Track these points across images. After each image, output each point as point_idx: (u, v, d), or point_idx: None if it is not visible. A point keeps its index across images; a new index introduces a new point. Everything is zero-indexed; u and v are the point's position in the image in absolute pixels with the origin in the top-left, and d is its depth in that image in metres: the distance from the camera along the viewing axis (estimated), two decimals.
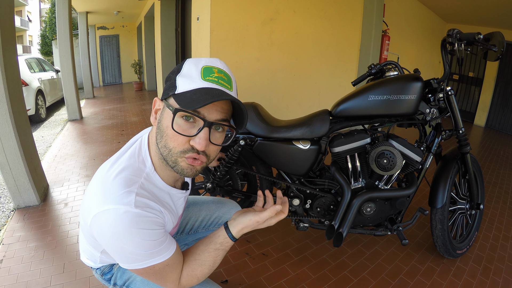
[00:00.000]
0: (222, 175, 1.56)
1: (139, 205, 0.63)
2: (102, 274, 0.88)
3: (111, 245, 0.64)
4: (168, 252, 0.69)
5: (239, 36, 2.92)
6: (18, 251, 1.61)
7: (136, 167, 0.68)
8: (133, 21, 9.77)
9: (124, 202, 0.61)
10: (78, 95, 4.78)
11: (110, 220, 0.60)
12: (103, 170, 0.69)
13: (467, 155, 1.53)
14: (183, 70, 0.65)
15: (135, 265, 0.66)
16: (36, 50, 17.46)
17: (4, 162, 1.94)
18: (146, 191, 0.67)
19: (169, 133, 0.64)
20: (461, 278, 1.51)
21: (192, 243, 1.18)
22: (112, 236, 0.62)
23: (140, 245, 0.63)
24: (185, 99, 0.61)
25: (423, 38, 5.22)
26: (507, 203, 2.40)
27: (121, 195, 0.62)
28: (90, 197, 0.66)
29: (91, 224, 0.63)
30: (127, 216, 0.60)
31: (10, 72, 1.88)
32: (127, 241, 0.62)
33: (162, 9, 5.20)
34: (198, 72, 0.64)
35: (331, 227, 1.37)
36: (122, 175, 0.65)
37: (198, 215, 1.10)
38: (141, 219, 0.62)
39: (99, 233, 0.64)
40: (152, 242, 0.65)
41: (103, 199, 0.62)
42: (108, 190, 0.63)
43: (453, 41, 1.29)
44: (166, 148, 0.65)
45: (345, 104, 1.40)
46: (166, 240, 0.69)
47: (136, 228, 0.62)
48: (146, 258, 0.66)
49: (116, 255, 0.66)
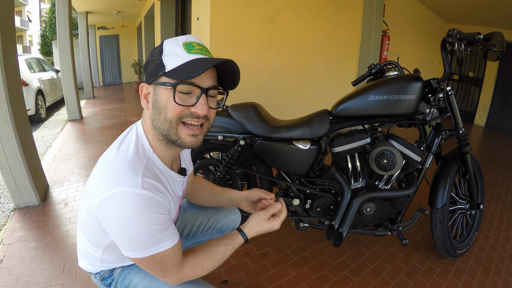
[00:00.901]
0: (222, 175, 1.56)
1: (146, 186, 0.63)
2: (102, 279, 0.86)
3: (117, 230, 0.64)
4: (171, 240, 0.69)
5: (239, 36, 2.92)
6: (18, 251, 1.61)
7: (137, 150, 0.70)
8: (133, 21, 9.77)
9: (131, 184, 0.62)
10: (78, 95, 4.78)
11: (118, 203, 0.61)
12: (104, 159, 0.70)
13: (467, 155, 1.53)
14: (165, 50, 0.68)
15: (139, 253, 0.66)
16: (36, 50, 17.46)
17: (4, 162, 1.94)
18: (150, 172, 0.68)
19: (169, 106, 0.67)
20: (461, 278, 1.51)
21: None
22: (119, 219, 0.62)
23: (147, 229, 0.64)
24: (181, 72, 0.65)
25: (423, 38, 5.23)
26: (507, 203, 2.40)
27: (127, 177, 0.63)
28: (93, 186, 0.66)
29: (97, 212, 0.63)
30: (135, 198, 0.61)
31: (10, 72, 1.88)
32: (135, 225, 0.62)
33: (162, 9, 5.20)
34: (181, 48, 0.67)
35: (331, 227, 1.37)
36: (125, 159, 0.66)
37: (196, 220, 1.10)
38: (149, 201, 0.63)
39: (106, 218, 0.64)
40: (158, 226, 0.65)
41: (108, 184, 0.62)
42: (113, 174, 0.64)
43: (453, 41, 1.29)
44: (166, 121, 0.68)
45: (345, 104, 1.40)
46: (171, 226, 0.70)
47: (145, 211, 0.62)
48: (150, 245, 0.66)
49: (121, 242, 0.66)
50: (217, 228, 1.12)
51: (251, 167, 1.58)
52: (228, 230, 1.15)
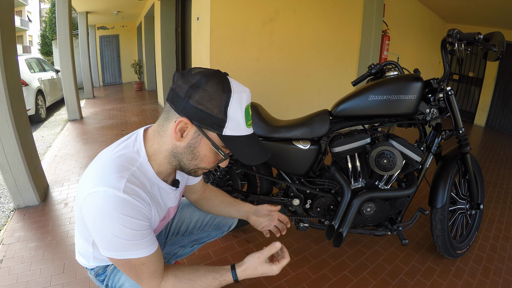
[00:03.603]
0: (222, 175, 1.56)
1: (127, 191, 0.65)
2: (96, 275, 0.88)
3: (94, 226, 0.66)
4: (147, 250, 0.69)
5: (239, 36, 2.92)
6: (18, 251, 1.61)
7: (130, 156, 0.71)
8: (133, 21, 9.77)
9: (113, 186, 0.64)
10: (78, 95, 4.78)
11: (98, 201, 0.63)
12: (101, 156, 0.72)
13: (467, 155, 1.53)
14: (230, 111, 0.66)
15: (113, 253, 0.67)
16: (36, 50, 17.46)
17: (4, 162, 1.94)
18: (137, 179, 0.70)
19: (206, 160, 0.73)
20: (461, 278, 1.51)
21: (187, 245, 1.18)
22: (96, 217, 0.64)
23: (121, 231, 0.65)
24: (238, 149, 0.70)
25: (423, 38, 5.22)
26: (507, 203, 2.40)
27: (112, 179, 0.65)
28: (83, 182, 0.69)
29: (81, 206, 0.66)
30: (114, 199, 0.63)
31: (10, 72, 1.88)
32: (108, 224, 0.64)
33: (162, 9, 5.20)
34: (243, 116, 0.69)
35: (331, 227, 1.37)
36: (115, 162, 0.68)
37: (192, 216, 1.11)
38: (127, 205, 0.65)
39: (87, 214, 0.66)
40: (132, 231, 0.66)
41: (94, 182, 0.65)
42: (101, 173, 0.67)
43: (453, 41, 1.29)
44: (195, 165, 0.74)
45: (345, 104, 1.40)
46: (148, 236, 0.70)
47: (120, 213, 0.64)
48: (124, 248, 0.66)
49: (99, 240, 0.68)
50: (214, 224, 1.12)
51: (251, 167, 1.58)
52: (225, 227, 1.15)
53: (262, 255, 0.78)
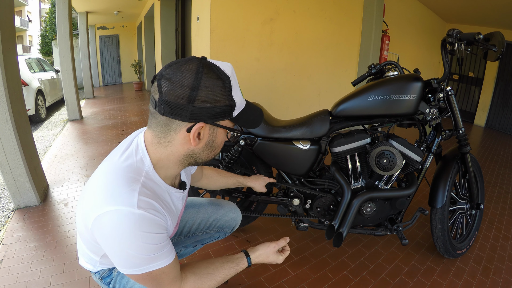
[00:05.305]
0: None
1: (142, 205, 0.62)
2: (101, 277, 0.87)
3: (112, 248, 0.63)
4: (168, 259, 0.68)
5: (239, 36, 2.92)
6: (18, 251, 1.61)
7: (136, 167, 0.67)
8: (133, 21, 9.77)
9: (127, 203, 0.60)
10: (78, 95, 4.78)
11: (112, 222, 0.60)
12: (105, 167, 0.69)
13: (467, 155, 1.53)
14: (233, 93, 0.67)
15: (134, 270, 0.65)
16: (36, 50, 17.46)
17: (4, 162, 1.94)
18: (148, 189, 0.66)
19: (221, 144, 0.74)
20: (461, 278, 1.51)
21: (190, 246, 1.18)
22: (114, 239, 0.61)
23: (142, 248, 0.62)
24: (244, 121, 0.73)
25: (423, 38, 5.22)
26: (507, 203, 2.40)
27: (123, 195, 0.61)
28: (89, 199, 0.65)
29: (92, 227, 0.62)
30: (130, 218, 0.60)
31: (10, 72, 1.88)
32: (130, 244, 0.61)
33: (162, 9, 5.20)
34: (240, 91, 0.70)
35: (331, 227, 1.37)
36: (123, 174, 0.64)
37: (196, 218, 1.10)
38: (145, 221, 0.62)
39: (100, 236, 0.63)
40: (154, 246, 0.64)
41: (104, 200, 0.61)
42: (110, 190, 0.62)
43: (453, 41, 1.29)
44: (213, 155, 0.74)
45: (345, 104, 1.40)
46: (168, 245, 0.69)
47: (139, 231, 0.61)
48: (146, 263, 0.65)
49: (116, 259, 0.65)
50: (218, 226, 1.12)
51: (251, 167, 1.58)
52: (228, 229, 1.15)
53: (278, 245, 0.88)
